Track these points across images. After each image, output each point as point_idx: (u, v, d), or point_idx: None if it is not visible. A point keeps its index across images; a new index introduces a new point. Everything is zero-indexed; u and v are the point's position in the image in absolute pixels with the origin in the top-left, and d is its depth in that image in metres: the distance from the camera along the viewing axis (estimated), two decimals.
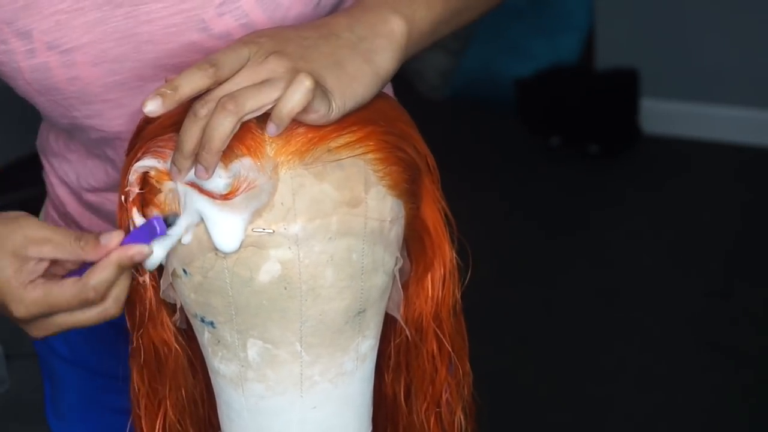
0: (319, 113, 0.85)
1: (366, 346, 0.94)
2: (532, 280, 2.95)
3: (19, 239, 0.90)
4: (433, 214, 0.95)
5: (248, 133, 0.86)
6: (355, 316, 0.91)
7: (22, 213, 0.93)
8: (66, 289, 0.90)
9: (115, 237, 0.89)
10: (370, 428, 0.99)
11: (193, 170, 0.85)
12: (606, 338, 2.73)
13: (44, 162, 1.20)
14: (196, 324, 0.93)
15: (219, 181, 0.86)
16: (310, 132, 0.86)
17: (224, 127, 0.82)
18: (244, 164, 0.86)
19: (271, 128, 0.84)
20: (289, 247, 0.87)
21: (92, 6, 0.96)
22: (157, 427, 0.99)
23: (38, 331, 0.93)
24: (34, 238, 0.90)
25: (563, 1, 3.74)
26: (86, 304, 0.90)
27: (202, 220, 0.87)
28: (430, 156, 0.94)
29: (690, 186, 3.35)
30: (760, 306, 2.79)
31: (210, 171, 0.84)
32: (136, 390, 0.98)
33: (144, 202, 0.90)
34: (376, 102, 0.91)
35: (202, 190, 0.86)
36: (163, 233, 0.87)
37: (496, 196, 3.31)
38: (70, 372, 1.26)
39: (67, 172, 1.16)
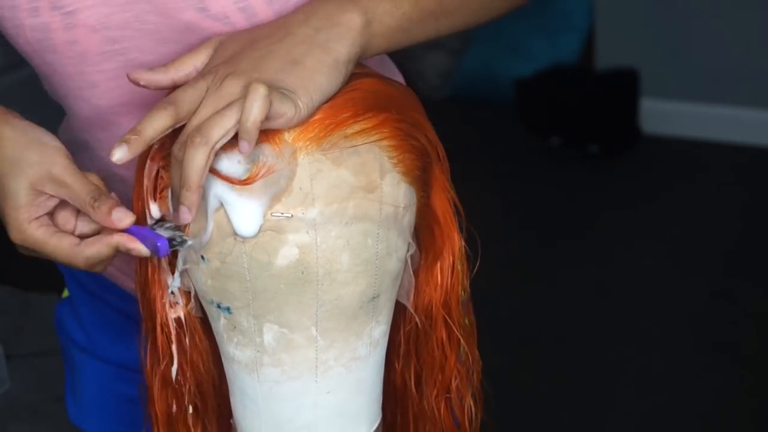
0: (286, 115, 0.86)
1: (379, 331, 0.95)
2: (531, 279, 2.95)
3: (43, 173, 0.94)
4: (443, 203, 0.96)
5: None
6: (369, 301, 0.92)
7: (59, 146, 0.96)
8: (63, 246, 0.94)
9: (126, 219, 0.91)
10: (380, 416, 0.99)
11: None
12: (606, 338, 2.73)
13: None
14: (211, 310, 0.94)
15: (238, 166, 0.87)
16: (327, 118, 0.88)
17: (197, 161, 0.84)
18: (262, 150, 0.87)
19: (243, 146, 0.85)
20: (307, 232, 0.88)
21: None
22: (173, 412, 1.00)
23: (23, 251, 0.97)
24: (55, 178, 0.93)
25: (563, 1, 3.74)
26: (74, 265, 0.94)
27: (221, 205, 0.88)
28: (440, 145, 0.95)
29: (690, 186, 3.35)
30: (761, 306, 2.79)
31: (193, 211, 0.86)
32: (151, 375, 0.99)
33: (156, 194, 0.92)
34: (389, 90, 0.93)
35: (221, 176, 0.87)
36: (165, 254, 0.90)
37: (495, 196, 3.31)
38: (87, 361, 1.27)
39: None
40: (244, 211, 0.87)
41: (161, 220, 0.93)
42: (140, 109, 1.02)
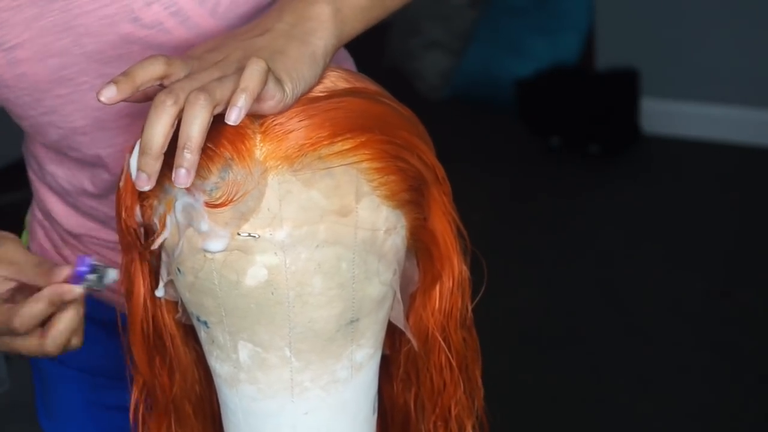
0: (276, 98, 0.85)
1: (362, 354, 0.93)
2: (531, 279, 2.95)
3: None
4: (442, 225, 0.93)
5: (239, 136, 0.86)
6: (347, 325, 0.90)
7: (10, 235, 0.97)
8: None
9: (64, 272, 0.92)
10: None
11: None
12: (606, 338, 2.73)
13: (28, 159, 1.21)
14: (194, 322, 0.93)
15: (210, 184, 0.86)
16: (302, 138, 0.86)
17: (201, 119, 0.80)
18: (232, 168, 0.85)
19: (234, 112, 0.81)
20: (276, 253, 0.86)
21: (28, 2, 0.98)
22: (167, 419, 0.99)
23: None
24: (3, 258, 0.94)
25: (563, 1, 3.74)
26: (12, 332, 0.93)
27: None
28: (438, 167, 0.93)
29: (690, 186, 3.36)
30: (760, 306, 2.79)
31: (192, 173, 0.82)
32: (142, 376, 0.99)
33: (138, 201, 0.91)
34: (377, 109, 0.90)
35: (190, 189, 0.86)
36: (82, 275, 0.91)
37: (495, 196, 3.31)
38: (59, 372, 1.25)
39: (45, 175, 1.16)
40: (210, 227, 0.86)
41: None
42: (101, 131, 1.04)
